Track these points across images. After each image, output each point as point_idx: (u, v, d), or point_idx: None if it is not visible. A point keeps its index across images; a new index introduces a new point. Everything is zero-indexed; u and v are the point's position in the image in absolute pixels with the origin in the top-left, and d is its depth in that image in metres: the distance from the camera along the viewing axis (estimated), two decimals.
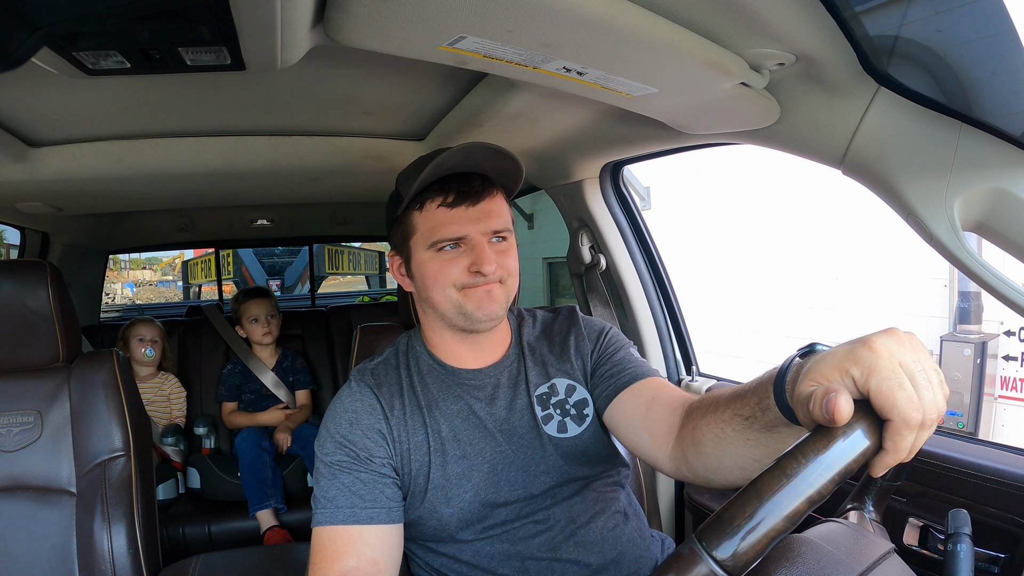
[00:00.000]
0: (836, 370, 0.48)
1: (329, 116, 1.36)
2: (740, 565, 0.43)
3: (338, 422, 0.89)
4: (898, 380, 0.45)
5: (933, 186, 0.77)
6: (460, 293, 0.89)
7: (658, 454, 0.83)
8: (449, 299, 0.90)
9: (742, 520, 0.43)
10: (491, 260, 0.87)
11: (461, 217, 0.88)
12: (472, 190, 0.88)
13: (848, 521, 0.68)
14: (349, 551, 0.81)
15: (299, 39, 0.72)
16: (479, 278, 0.88)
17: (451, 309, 0.90)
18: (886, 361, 0.46)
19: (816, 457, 0.44)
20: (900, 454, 0.45)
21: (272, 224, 2.85)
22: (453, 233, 0.88)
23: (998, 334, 3.53)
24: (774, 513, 0.43)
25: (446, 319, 0.93)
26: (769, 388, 0.60)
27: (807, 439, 0.46)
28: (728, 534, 0.43)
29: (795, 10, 0.71)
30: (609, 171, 1.68)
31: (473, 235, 0.88)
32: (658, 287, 1.77)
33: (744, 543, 0.43)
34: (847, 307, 4.20)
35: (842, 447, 0.45)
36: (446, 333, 0.96)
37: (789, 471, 0.44)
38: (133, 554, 1.24)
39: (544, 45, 0.74)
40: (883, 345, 0.47)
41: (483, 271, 0.87)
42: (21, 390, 1.26)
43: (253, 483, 2.08)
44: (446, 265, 0.89)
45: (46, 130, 1.29)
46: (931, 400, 0.46)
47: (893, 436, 0.45)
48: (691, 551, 0.43)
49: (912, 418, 0.45)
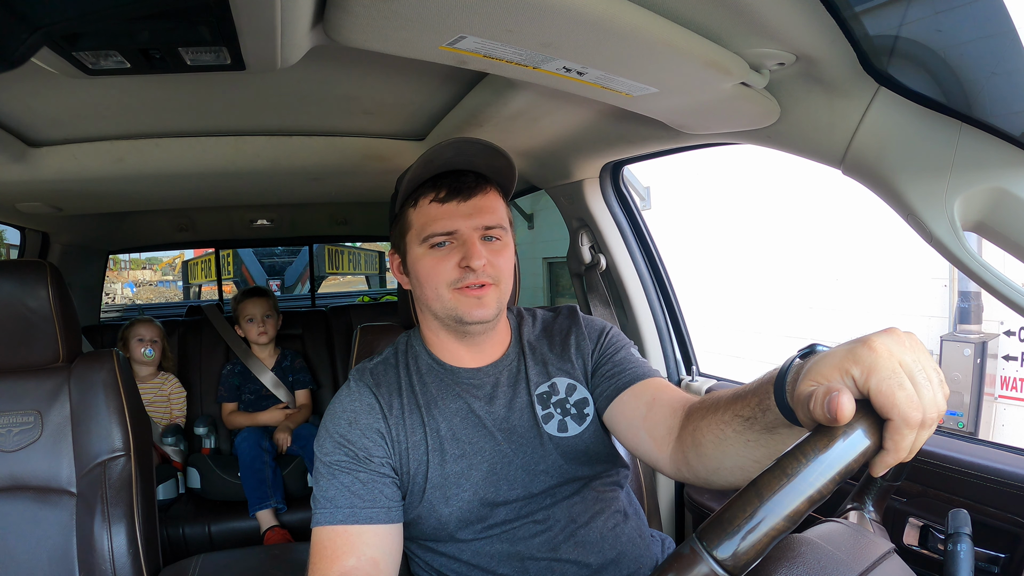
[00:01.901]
0: (836, 370, 0.48)
1: (329, 116, 1.36)
2: (740, 565, 0.42)
3: (337, 422, 0.90)
4: (898, 379, 0.45)
5: (933, 186, 0.77)
6: (452, 295, 0.89)
7: (658, 455, 0.83)
8: (441, 299, 0.90)
9: (742, 520, 0.43)
10: (481, 255, 0.87)
11: (452, 212, 0.88)
12: (464, 186, 0.89)
13: (848, 521, 0.68)
14: (349, 551, 0.81)
15: (299, 39, 0.72)
16: (469, 274, 0.88)
17: (442, 309, 0.91)
18: (886, 360, 0.46)
19: (817, 457, 0.44)
20: (900, 453, 0.45)
21: (272, 224, 2.85)
22: (443, 227, 0.88)
23: (998, 334, 3.53)
24: (774, 513, 0.43)
25: (439, 318, 0.93)
26: (769, 389, 0.60)
27: (807, 439, 0.46)
28: (728, 534, 0.43)
29: (795, 10, 0.71)
30: (609, 171, 1.68)
31: (464, 230, 0.88)
32: (658, 287, 1.77)
33: (744, 543, 0.43)
34: (847, 307, 4.20)
35: (842, 447, 0.45)
36: (443, 332, 0.96)
37: (790, 471, 0.44)
38: (133, 554, 1.24)
39: (544, 45, 0.74)
40: (883, 345, 0.47)
41: (472, 265, 0.87)
42: (21, 390, 1.26)
43: (253, 483, 2.08)
44: (438, 263, 0.89)
45: (46, 130, 1.29)
46: (931, 399, 0.46)
47: (893, 435, 0.45)
48: (691, 551, 0.43)
49: (912, 417, 0.45)
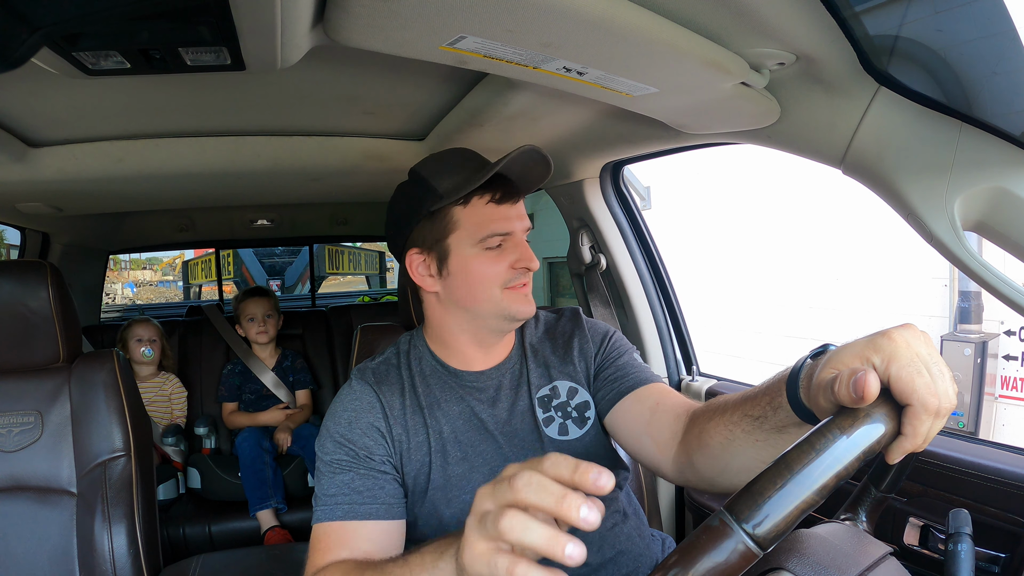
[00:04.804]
0: (857, 357, 0.51)
1: (329, 116, 1.36)
2: (770, 537, 0.43)
3: (337, 421, 0.90)
4: (916, 367, 0.48)
5: (933, 186, 0.77)
6: (504, 294, 0.90)
7: (660, 459, 0.84)
8: (492, 299, 0.90)
9: (773, 491, 0.43)
10: (535, 257, 0.91)
11: (508, 214, 0.90)
12: (514, 190, 0.92)
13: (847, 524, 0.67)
14: (342, 545, 0.82)
15: (299, 39, 0.72)
16: (521, 275, 0.91)
17: (492, 309, 0.91)
18: (905, 350, 0.49)
19: (843, 435, 0.46)
20: (917, 439, 0.48)
21: (272, 224, 2.84)
22: (503, 228, 0.90)
23: (998, 334, 3.53)
24: (804, 485, 0.44)
25: (481, 317, 0.92)
26: (781, 387, 0.62)
27: (832, 419, 0.47)
28: (759, 505, 0.43)
29: (795, 10, 0.71)
30: (609, 171, 1.68)
31: (517, 232, 0.91)
32: (658, 287, 1.77)
33: (775, 514, 0.43)
34: (847, 307, 4.20)
35: (866, 428, 0.47)
36: (466, 334, 0.95)
37: (818, 446, 0.45)
38: (133, 554, 1.24)
39: (544, 45, 0.74)
40: (901, 336, 0.50)
41: (530, 267, 0.91)
42: (21, 390, 1.26)
43: (254, 483, 2.08)
44: (493, 262, 0.90)
45: (46, 130, 1.29)
46: (945, 390, 0.48)
47: (912, 420, 0.48)
48: (721, 523, 0.43)
49: (930, 403, 0.47)
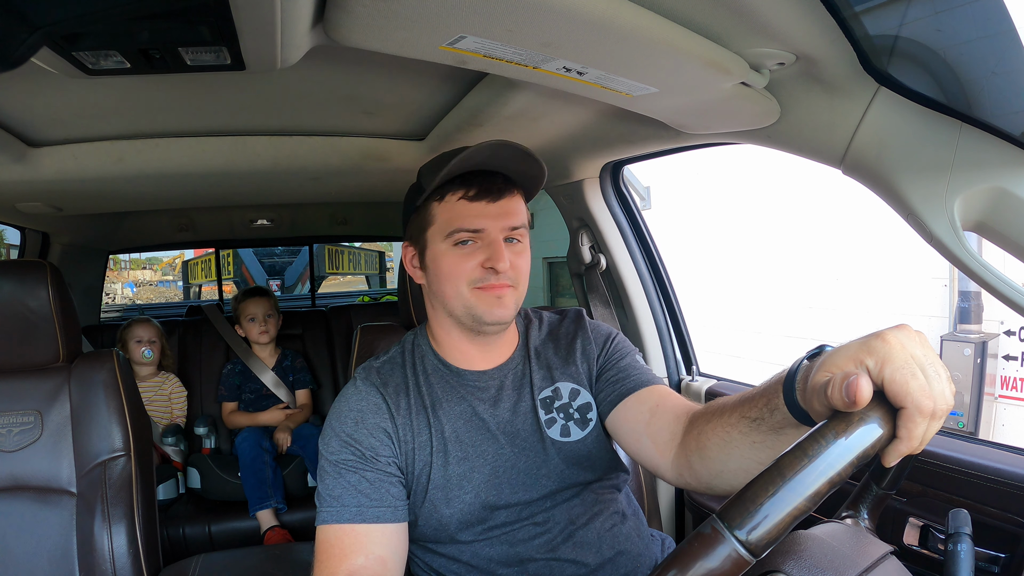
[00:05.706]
0: (851, 360, 0.50)
1: (329, 116, 1.36)
2: (762, 544, 0.42)
3: (343, 421, 0.89)
4: (911, 369, 0.47)
5: (933, 186, 0.77)
6: (472, 292, 0.89)
7: (660, 461, 0.84)
8: (460, 296, 0.89)
9: (765, 498, 0.43)
10: (505, 258, 0.87)
11: (481, 211, 0.88)
12: (494, 187, 0.89)
13: (847, 523, 0.68)
14: (357, 549, 0.81)
15: (299, 39, 0.72)
16: (491, 275, 0.88)
17: (461, 307, 0.90)
18: (899, 352, 0.48)
19: (836, 440, 0.45)
20: (913, 442, 0.47)
21: (272, 224, 2.85)
22: (471, 224, 0.88)
23: (998, 334, 3.53)
24: (797, 492, 0.43)
25: (454, 316, 0.92)
26: (778, 389, 0.61)
27: (825, 424, 0.47)
28: (751, 512, 0.43)
29: (795, 10, 0.71)
30: (609, 171, 1.68)
31: (491, 230, 0.88)
32: (658, 287, 1.77)
33: (767, 522, 0.42)
34: (847, 307, 4.19)
35: (859, 432, 0.46)
36: (454, 331, 0.95)
37: (811, 452, 0.45)
38: (133, 554, 1.24)
39: (544, 45, 0.74)
40: (895, 338, 0.49)
41: (497, 267, 0.87)
42: (21, 390, 1.26)
43: (253, 483, 2.08)
44: (461, 260, 0.88)
45: (46, 130, 1.29)
46: (940, 391, 0.48)
47: (907, 423, 0.47)
48: (713, 530, 0.43)
49: (925, 405, 0.46)
